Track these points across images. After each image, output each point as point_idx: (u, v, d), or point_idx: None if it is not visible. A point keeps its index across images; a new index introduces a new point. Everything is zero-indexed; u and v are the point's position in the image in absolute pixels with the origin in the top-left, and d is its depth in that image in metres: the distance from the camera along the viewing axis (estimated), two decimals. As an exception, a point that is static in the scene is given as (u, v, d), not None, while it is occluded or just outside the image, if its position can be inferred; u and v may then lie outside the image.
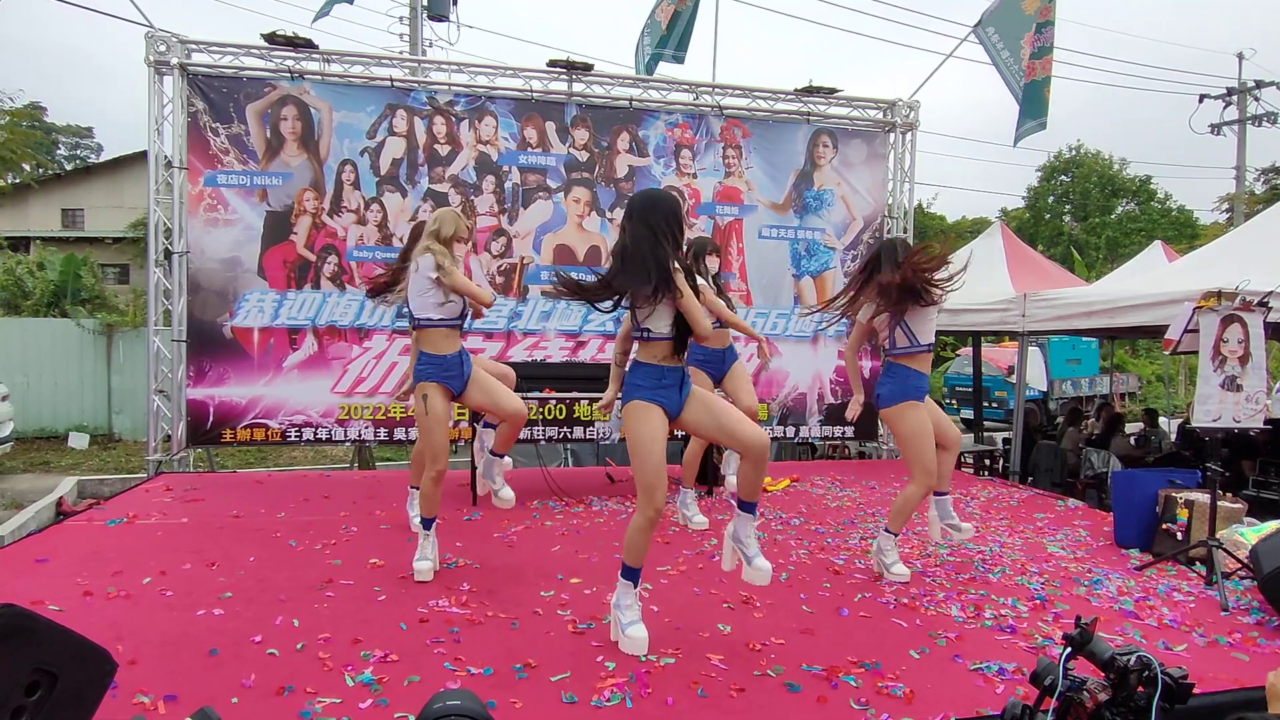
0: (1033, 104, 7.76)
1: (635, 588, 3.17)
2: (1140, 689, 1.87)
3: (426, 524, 3.97)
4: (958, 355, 18.58)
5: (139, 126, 6.87)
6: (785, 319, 8.04)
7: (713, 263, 4.99)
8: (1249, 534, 4.24)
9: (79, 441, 11.76)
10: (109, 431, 12.31)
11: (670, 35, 8.46)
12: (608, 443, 7.97)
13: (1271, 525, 4.22)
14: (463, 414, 7.18)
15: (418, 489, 4.93)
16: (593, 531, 4.99)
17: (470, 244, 7.32)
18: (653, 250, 2.97)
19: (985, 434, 11.09)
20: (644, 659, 3.03)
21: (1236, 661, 3.18)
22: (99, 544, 4.45)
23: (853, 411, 4.38)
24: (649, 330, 3.09)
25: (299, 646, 3.07)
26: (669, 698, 2.73)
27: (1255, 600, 3.86)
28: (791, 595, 3.86)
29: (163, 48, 6.74)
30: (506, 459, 4.47)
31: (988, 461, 9.50)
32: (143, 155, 7.42)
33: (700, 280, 4.39)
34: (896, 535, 4.19)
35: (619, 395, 3.32)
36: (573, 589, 3.87)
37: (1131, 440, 8.89)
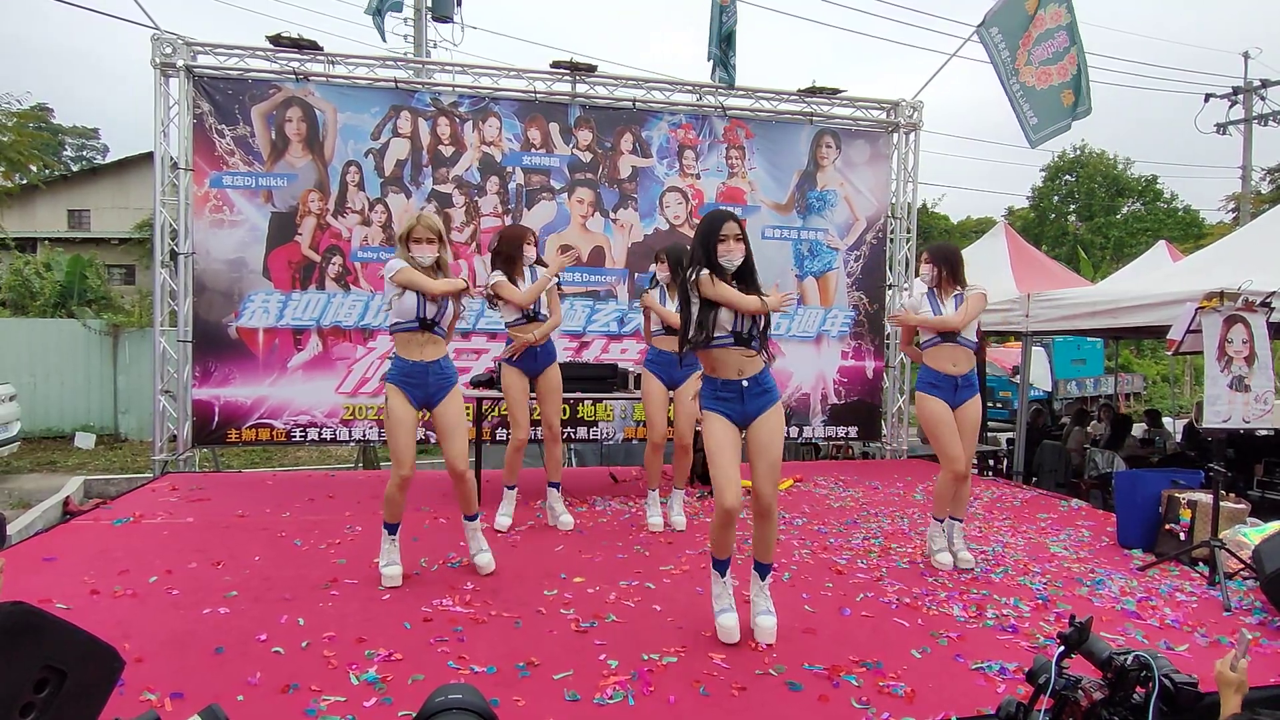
0: (1049, 109, 7.72)
1: (722, 577, 3.29)
2: (1139, 689, 1.88)
3: (390, 529, 3.90)
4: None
5: (145, 128, 6.91)
6: (788, 319, 8.04)
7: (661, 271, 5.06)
8: (1252, 534, 4.24)
9: (85, 441, 11.83)
10: (115, 431, 12.38)
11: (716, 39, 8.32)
12: (611, 443, 8.00)
13: (1274, 525, 4.21)
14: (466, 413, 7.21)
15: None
16: (596, 531, 5.01)
17: (474, 244, 7.35)
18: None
19: (990, 434, 11.08)
20: (645, 657, 3.05)
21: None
22: (105, 543, 4.48)
23: None
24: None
25: (304, 645, 3.09)
26: (671, 696, 2.75)
27: (1258, 601, 3.86)
28: (794, 595, 3.87)
29: (168, 50, 6.77)
30: (501, 518, 4.96)
31: (991, 462, 9.48)
32: (148, 156, 7.46)
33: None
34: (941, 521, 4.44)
35: None
36: (576, 588, 3.89)
37: (1138, 441, 8.88)
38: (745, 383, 3.21)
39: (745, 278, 3.27)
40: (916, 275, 6.86)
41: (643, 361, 5.29)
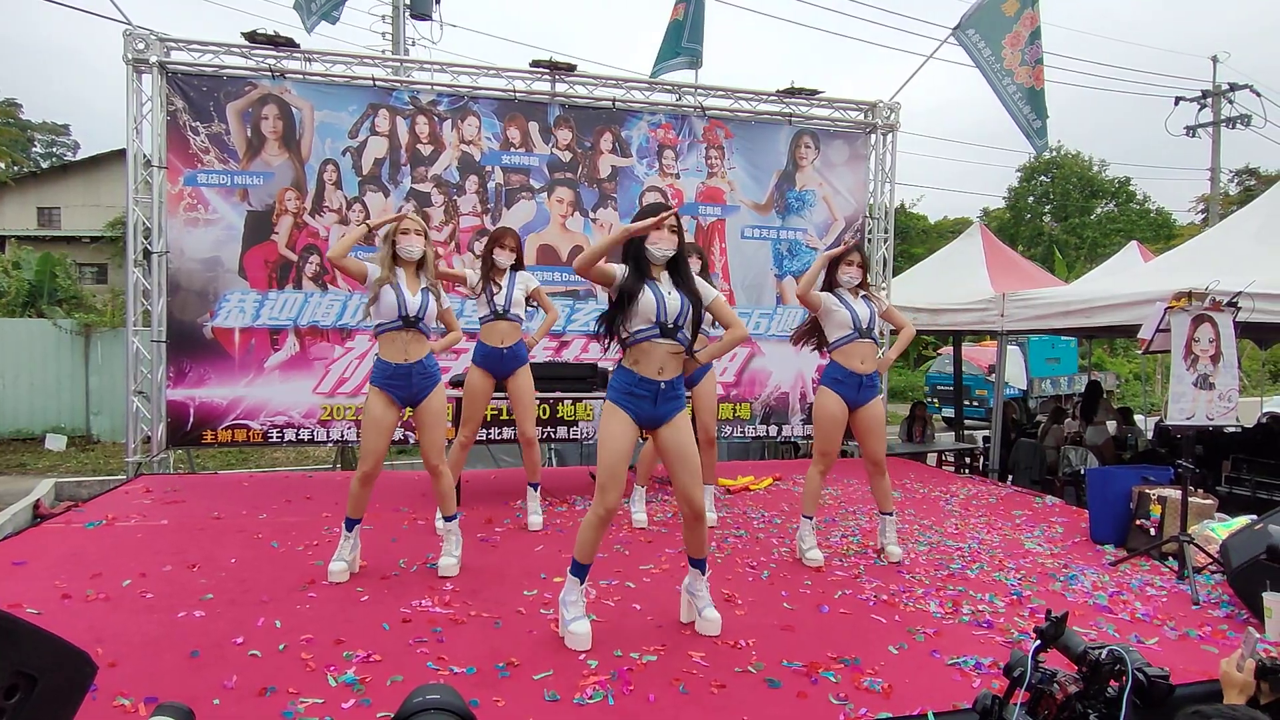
0: (1038, 107, 7.87)
1: (582, 584, 3.25)
2: (1113, 683, 1.91)
3: (349, 524, 3.93)
4: (939, 354, 18.75)
5: (118, 122, 6.80)
6: (768, 318, 8.08)
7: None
8: (1219, 529, 4.33)
9: (56, 443, 11.62)
10: (87, 433, 12.16)
11: (679, 36, 8.33)
12: (591, 442, 8.00)
13: (1241, 521, 4.30)
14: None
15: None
16: (576, 531, 4.97)
17: (453, 243, 7.32)
18: None
19: (966, 432, 11.21)
20: (623, 655, 3.05)
21: (1206, 654, 3.25)
22: (78, 546, 4.41)
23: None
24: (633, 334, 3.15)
25: (281, 647, 3.06)
26: (651, 694, 2.76)
27: (1225, 594, 3.95)
28: (773, 592, 3.90)
29: (141, 45, 6.67)
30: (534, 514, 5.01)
31: (968, 459, 9.60)
32: (120, 153, 7.34)
33: None
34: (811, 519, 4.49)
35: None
36: (556, 588, 3.87)
37: (1110, 426, 9.02)
38: (663, 385, 3.16)
39: (678, 270, 3.21)
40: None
41: None
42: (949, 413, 14.37)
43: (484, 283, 4.82)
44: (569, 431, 7.68)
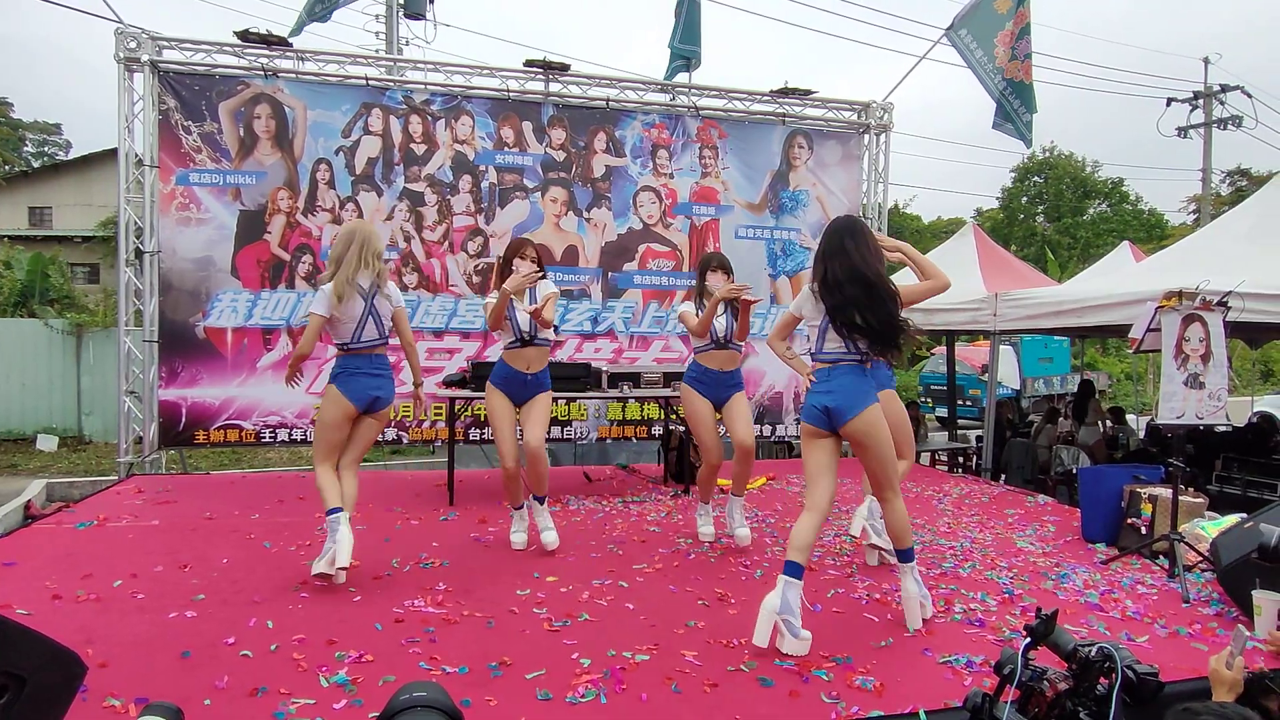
0: (1027, 101, 7.91)
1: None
2: (1103, 680, 1.92)
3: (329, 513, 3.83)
4: (932, 354, 18.79)
5: (110, 121, 6.78)
6: (761, 318, 8.08)
7: (716, 280, 4.66)
8: (1209, 528, 4.35)
9: (47, 444, 11.56)
10: (78, 433, 12.09)
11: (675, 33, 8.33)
12: (585, 442, 8.00)
13: (1231, 519, 4.33)
14: (439, 413, 7.17)
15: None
16: (569, 530, 5.00)
17: (446, 243, 7.31)
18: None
19: (959, 432, 11.23)
20: (615, 655, 3.05)
21: (1196, 651, 3.26)
22: (69, 547, 4.40)
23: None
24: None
25: (273, 648, 3.06)
26: (643, 693, 2.76)
27: (1215, 592, 3.97)
28: (766, 591, 3.88)
29: (133, 44, 6.65)
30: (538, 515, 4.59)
31: (961, 459, 9.61)
32: (112, 153, 7.32)
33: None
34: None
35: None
36: (549, 587, 3.89)
37: (1102, 426, 9.05)
38: None
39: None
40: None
41: (684, 376, 4.82)
42: (942, 412, 14.40)
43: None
44: (562, 431, 7.67)
